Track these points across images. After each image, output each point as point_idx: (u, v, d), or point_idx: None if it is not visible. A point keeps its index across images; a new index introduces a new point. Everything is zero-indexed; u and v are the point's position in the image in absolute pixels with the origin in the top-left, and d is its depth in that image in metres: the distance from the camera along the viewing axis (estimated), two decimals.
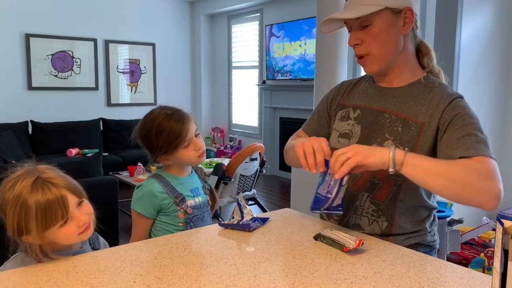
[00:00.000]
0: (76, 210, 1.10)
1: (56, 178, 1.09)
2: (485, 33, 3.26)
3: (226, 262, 1.04)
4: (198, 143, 1.46)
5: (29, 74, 6.05)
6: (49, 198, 1.05)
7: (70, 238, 1.11)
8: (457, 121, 1.12)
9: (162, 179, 1.48)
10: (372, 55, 1.20)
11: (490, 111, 3.36)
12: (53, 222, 1.05)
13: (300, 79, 5.80)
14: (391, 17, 1.16)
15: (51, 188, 1.06)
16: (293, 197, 3.80)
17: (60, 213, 1.06)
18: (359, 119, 1.27)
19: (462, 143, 1.08)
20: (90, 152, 5.56)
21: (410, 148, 1.15)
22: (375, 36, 1.17)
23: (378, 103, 1.26)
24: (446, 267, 1.02)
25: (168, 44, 7.32)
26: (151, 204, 1.44)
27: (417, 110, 1.19)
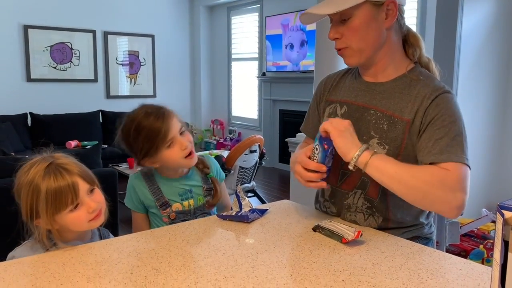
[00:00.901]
0: (87, 197, 1.13)
1: (69, 164, 1.14)
2: (487, 24, 3.23)
3: (224, 253, 1.03)
4: (183, 142, 1.34)
5: (28, 66, 6.02)
6: (60, 184, 1.09)
7: (80, 224, 1.13)
8: (437, 121, 1.09)
9: (150, 176, 1.43)
10: (351, 48, 1.17)
11: (490, 103, 3.34)
12: (63, 206, 1.09)
13: (300, 71, 5.78)
14: (372, 10, 1.12)
15: (63, 173, 1.10)
16: (292, 189, 3.80)
17: (70, 198, 1.10)
18: (346, 116, 1.24)
19: (437, 146, 1.07)
20: (89, 144, 5.55)
21: (396, 146, 1.14)
22: (355, 30, 1.14)
23: (364, 99, 1.22)
24: (445, 259, 1.02)
25: (168, 35, 7.28)
26: (136, 199, 1.43)
27: (403, 106, 1.15)
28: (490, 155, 3.40)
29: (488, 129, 3.34)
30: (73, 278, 0.90)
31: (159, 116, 1.33)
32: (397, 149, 1.15)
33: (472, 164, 1.08)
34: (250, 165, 4.09)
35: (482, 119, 3.27)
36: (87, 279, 0.89)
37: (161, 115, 1.33)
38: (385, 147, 1.15)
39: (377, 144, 1.16)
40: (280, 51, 6.07)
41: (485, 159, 3.35)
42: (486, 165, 3.36)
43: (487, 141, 3.35)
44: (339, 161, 1.19)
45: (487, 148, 3.35)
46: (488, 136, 3.35)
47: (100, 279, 0.89)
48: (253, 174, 4.23)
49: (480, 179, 3.28)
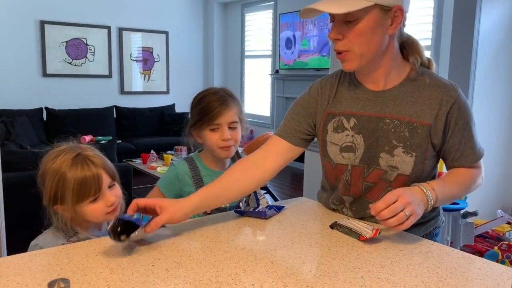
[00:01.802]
0: (107, 190, 1.18)
1: (95, 156, 1.18)
2: (504, 25, 3.19)
3: (243, 248, 1.04)
4: (225, 133, 1.38)
5: (44, 61, 6.10)
6: (86, 174, 1.13)
7: (98, 215, 1.17)
8: (463, 125, 1.17)
9: (193, 164, 1.47)
10: (352, 52, 1.12)
11: (506, 105, 3.30)
12: (86, 196, 1.14)
13: (314, 69, 5.76)
14: (379, 15, 1.08)
15: (89, 165, 1.15)
16: (306, 188, 3.80)
17: (94, 189, 1.14)
18: (357, 129, 1.19)
19: (468, 148, 1.19)
20: (103, 139, 5.61)
21: (422, 152, 1.15)
22: (359, 34, 1.09)
23: (374, 108, 1.18)
24: (464, 258, 1.02)
25: (181, 32, 7.31)
26: (174, 187, 1.45)
27: (418, 110, 1.15)
28: (506, 157, 3.37)
29: (504, 130, 3.31)
30: (96, 269, 0.92)
31: (220, 100, 1.39)
32: (423, 154, 1.16)
33: (487, 166, 1.29)
34: None
35: (497, 120, 3.23)
36: (110, 270, 0.91)
37: (223, 101, 1.39)
38: (412, 154, 1.15)
39: (403, 153, 1.15)
40: (294, 49, 6.06)
41: (501, 160, 3.31)
42: (502, 166, 3.32)
43: (502, 143, 3.31)
44: (361, 173, 1.20)
45: (502, 149, 3.32)
46: (504, 138, 3.32)
47: (123, 271, 0.91)
48: None
49: (495, 181, 3.25)
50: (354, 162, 1.20)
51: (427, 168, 1.18)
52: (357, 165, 1.20)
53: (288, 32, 6.14)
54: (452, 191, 1.17)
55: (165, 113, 6.55)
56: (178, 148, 4.58)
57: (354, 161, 1.20)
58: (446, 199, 1.16)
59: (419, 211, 1.05)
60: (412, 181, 1.16)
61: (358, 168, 1.20)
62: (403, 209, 1.01)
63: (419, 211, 1.05)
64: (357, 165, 1.20)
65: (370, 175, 1.20)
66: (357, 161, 1.20)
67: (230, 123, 1.41)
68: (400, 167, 1.16)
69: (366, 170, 1.20)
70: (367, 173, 1.20)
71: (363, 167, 1.20)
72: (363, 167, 1.20)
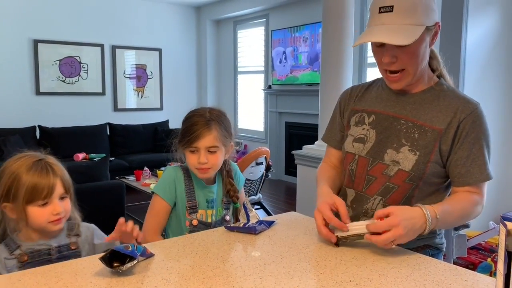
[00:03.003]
0: (57, 200, 1.21)
1: (56, 165, 1.23)
2: (491, 36, 3.26)
3: (232, 264, 1.05)
4: (202, 157, 1.39)
5: (37, 79, 6.11)
6: (42, 178, 1.18)
7: (41, 220, 1.19)
8: (474, 139, 1.19)
9: (187, 173, 1.49)
10: (407, 71, 1.19)
11: (496, 117, 3.35)
12: (36, 198, 1.17)
13: (306, 84, 5.82)
14: (426, 34, 1.16)
15: (48, 171, 1.19)
16: (299, 202, 3.80)
17: (45, 193, 1.17)
18: (374, 124, 1.28)
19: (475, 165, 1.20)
20: (97, 157, 5.60)
21: (426, 153, 1.19)
22: (412, 55, 1.16)
23: (394, 109, 1.27)
24: (450, 270, 1.03)
25: (175, 49, 7.37)
26: (171, 189, 1.45)
27: (433, 116, 1.21)
28: (497, 168, 3.39)
29: (495, 143, 3.34)
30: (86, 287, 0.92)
31: (202, 123, 1.41)
32: (427, 156, 1.20)
33: None
34: (257, 177, 4.10)
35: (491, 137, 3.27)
36: None
37: (205, 124, 1.41)
38: (416, 153, 1.20)
39: (408, 151, 1.21)
40: (286, 64, 6.13)
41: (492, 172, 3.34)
42: (494, 178, 3.35)
43: (493, 155, 3.34)
44: (366, 165, 1.26)
45: (493, 161, 3.34)
46: (495, 150, 3.35)
47: None
48: (259, 187, 4.25)
49: (488, 193, 3.27)
50: (361, 152, 1.28)
51: (429, 171, 1.20)
52: (364, 156, 1.27)
53: (279, 48, 6.21)
54: (454, 218, 1.19)
55: (159, 130, 6.56)
56: (172, 165, 4.58)
57: (361, 151, 1.28)
58: (445, 226, 1.22)
59: (407, 240, 1.08)
60: (411, 180, 1.19)
61: (364, 160, 1.27)
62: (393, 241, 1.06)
63: (407, 240, 1.08)
64: (364, 156, 1.27)
65: (373, 169, 1.25)
66: (364, 152, 1.27)
67: (209, 147, 1.41)
68: (401, 162, 1.21)
69: (371, 163, 1.26)
70: (370, 166, 1.26)
71: (368, 159, 1.26)
72: (368, 160, 1.26)
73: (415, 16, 1.13)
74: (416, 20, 1.13)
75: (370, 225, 1.09)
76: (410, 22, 1.12)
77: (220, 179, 1.54)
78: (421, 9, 1.13)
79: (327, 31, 3.45)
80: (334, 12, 3.38)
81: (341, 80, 3.40)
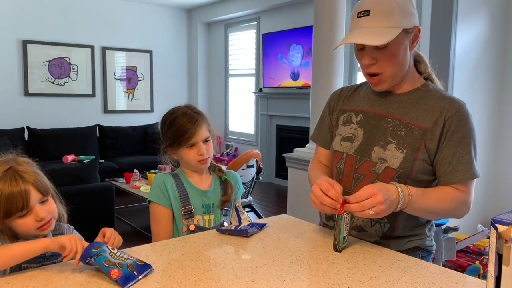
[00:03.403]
0: (38, 206, 1.17)
1: (27, 172, 1.17)
2: (480, 41, 3.30)
3: (224, 267, 1.04)
4: (201, 149, 1.45)
5: (26, 81, 6.05)
6: (13, 190, 1.13)
7: (28, 229, 1.16)
8: (459, 138, 1.20)
9: (178, 179, 1.48)
10: (385, 74, 1.22)
11: (485, 119, 3.40)
12: (13, 211, 1.13)
13: (296, 87, 5.84)
14: (404, 37, 1.19)
15: (18, 180, 1.14)
16: (289, 205, 3.81)
17: (21, 204, 1.13)
18: (361, 123, 1.31)
19: (460, 164, 1.19)
20: (86, 159, 5.55)
21: (413, 151, 1.21)
22: (391, 57, 1.20)
23: (380, 108, 1.29)
24: (441, 272, 1.03)
25: (165, 51, 7.35)
26: (165, 194, 1.44)
27: (419, 115, 1.23)
28: (485, 172, 3.44)
29: (483, 147, 3.39)
30: None
31: (191, 120, 1.46)
32: (414, 153, 1.21)
33: None
34: (247, 180, 4.10)
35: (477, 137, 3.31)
36: None
37: (194, 121, 1.46)
38: (403, 151, 1.21)
39: (395, 148, 1.22)
40: (277, 67, 6.14)
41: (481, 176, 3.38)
42: (482, 181, 3.39)
43: (482, 159, 3.38)
44: (353, 163, 1.27)
45: (482, 165, 3.38)
46: (483, 154, 3.39)
47: None
48: (250, 189, 4.24)
49: (475, 196, 3.30)
50: (349, 151, 1.30)
51: (416, 169, 1.21)
52: (352, 154, 1.29)
53: (271, 52, 6.22)
54: (428, 203, 1.18)
55: (149, 132, 6.53)
56: (162, 167, 4.54)
57: (349, 150, 1.29)
58: (420, 210, 1.19)
59: (387, 212, 1.10)
60: (399, 177, 1.21)
61: (352, 158, 1.29)
62: (372, 207, 1.07)
63: (387, 212, 1.10)
64: (352, 154, 1.29)
65: (361, 167, 1.27)
66: (352, 151, 1.29)
67: (204, 139, 1.47)
68: (389, 160, 1.22)
69: (358, 161, 1.27)
70: (358, 164, 1.27)
71: (356, 157, 1.28)
72: (356, 158, 1.28)
73: (391, 19, 1.16)
74: (392, 23, 1.16)
75: (350, 197, 1.11)
76: (386, 24, 1.16)
77: (216, 183, 1.54)
78: (397, 12, 1.17)
79: (318, 35, 3.46)
80: (325, 16, 3.40)
81: (332, 83, 3.42)
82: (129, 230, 4.22)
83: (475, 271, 2.90)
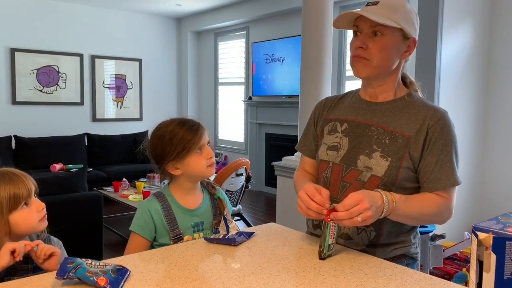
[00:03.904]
0: (35, 197, 1.23)
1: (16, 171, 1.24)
2: (465, 51, 3.36)
3: (212, 276, 1.05)
4: (209, 151, 1.44)
5: (14, 89, 6.01)
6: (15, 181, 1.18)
7: (31, 222, 1.20)
8: (441, 146, 1.22)
9: (164, 201, 1.43)
10: (370, 62, 1.25)
11: (470, 130, 3.45)
12: (19, 200, 1.18)
13: (285, 96, 5.87)
14: (400, 39, 1.24)
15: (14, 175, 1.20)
16: (279, 213, 3.82)
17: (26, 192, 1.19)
18: (346, 132, 1.33)
19: (442, 171, 1.22)
20: (74, 168, 5.51)
21: (397, 159, 1.23)
22: (381, 47, 1.23)
23: (365, 117, 1.32)
24: (426, 280, 1.05)
25: (155, 60, 7.36)
26: (150, 224, 1.40)
27: (402, 123, 1.26)
28: (471, 179, 3.49)
29: (469, 154, 3.44)
30: None
31: (193, 125, 1.43)
32: (398, 161, 1.23)
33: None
34: (237, 188, 4.10)
35: (463, 145, 3.36)
36: None
37: (195, 124, 1.44)
38: (388, 159, 1.24)
39: (379, 157, 1.25)
40: (266, 76, 6.18)
41: (467, 184, 3.43)
42: (468, 188, 3.43)
43: (467, 166, 3.43)
44: (340, 172, 1.29)
45: (468, 173, 3.44)
46: (469, 161, 3.44)
47: None
48: (239, 198, 4.24)
49: (462, 203, 3.35)
50: (335, 160, 1.32)
51: (401, 177, 1.23)
52: (338, 163, 1.31)
53: (260, 60, 6.26)
54: (412, 210, 1.20)
55: (138, 140, 6.50)
56: (151, 176, 4.54)
57: (335, 159, 1.31)
58: (404, 216, 1.20)
59: (374, 218, 1.12)
60: (384, 185, 1.23)
61: (338, 167, 1.30)
62: (359, 214, 1.08)
63: (374, 218, 1.12)
64: (338, 163, 1.31)
65: (347, 175, 1.29)
66: (338, 159, 1.31)
67: (207, 143, 1.46)
68: (374, 168, 1.24)
69: (345, 170, 1.29)
70: (345, 172, 1.29)
71: (342, 166, 1.30)
72: (342, 167, 1.30)
73: (396, 15, 1.22)
74: (395, 18, 1.21)
75: (338, 205, 1.11)
76: (389, 16, 1.21)
77: (207, 201, 1.50)
78: (402, 13, 1.22)
79: (306, 44, 3.50)
80: (313, 25, 3.44)
81: (320, 92, 3.45)
82: (118, 239, 4.19)
83: (462, 278, 2.93)
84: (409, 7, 1.26)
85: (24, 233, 1.22)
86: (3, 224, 1.16)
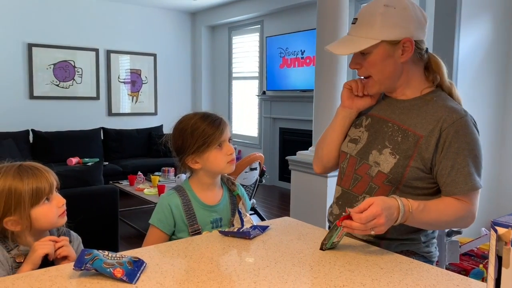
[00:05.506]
0: (56, 193, 1.24)
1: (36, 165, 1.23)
2: (484, 45, 3.30)
3: (227, 269, 1.05)
4: (230, 148, 1.42)
5: (31, 83, 6.09)
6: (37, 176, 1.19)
7: (51, 218, 1.21)
8: (458, 149, 1.19)
9: (185, 196, 1.43)
10: (372, 78, 1.28)
11: (488, 125, 3.39)
12: (41, 196, 1.18)
13: (300, 90, 5.85)
14: (388, 49, 1.22)
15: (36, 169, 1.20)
16: (293, 207, 3.81)
17: (48, 188, 1.20)
18: (368, 127, 1.35)
19: (460, 175, 1.19)
20: (90, 161, 5.58)
21: (405, 157, 1.22)
22: (372, 64, 1.25)
23: (385, 113, 1.33)
24: (442, 275, 1.04)
25: (169, 54, 7.39)
26: (169, 218, 1.40)
27: (417, 122, 1.24)
28: (489, 175, 3.43)
29: (487, 150, 3.38)
30: None
31: (216, 120, 1.42)
32: (406, 160, 1.22)
33: None
34: (250, 182, 4.11)
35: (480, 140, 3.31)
36: None
37: (218, 119, 1.43)
38: (396, 156, 1.23)
39: (389, 154, 1.25)
40: (280, 70, 6.15)
41: (484, 179, 3.37)
42: (485, 185, 3.37)
43: (485, 162, 3.37)
44: (354, 164, 1.31)
45: (485, 168, 3.37)
46: (486, 157, 3.39)
47: None
48: (253, 192, 4.25)
49: (479, 199, 3.30)
50: (352, 152, 1.34)
51: (408, 176, 1.22)
52: (354, 156, 1.33)
53: (274, 54, 6.24)
54: (430, 217, 1.18)
55: (153, 134, 6.56)
56: (166, 169, 4.57)
57: (353, 151, 1.33)
58: (420, 223, 1.19)
59: (385, 229, 1.11)
60: (389, 182, 1.23)
61: (353, 159, 1.33)
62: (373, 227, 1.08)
63: (385, 229, 1.11)
64: (354, 156, 1.33)
65: (359, 168, 1.30)
66: (355, 152, 1.33)
67: (228, 139, 1.44)
68: (381, 164, 1.25)
69: (358, 163, 1.31)
70: (358, 165, 1.31)
71: (357, 159, 1.32)
72: (357, 159, 1.32)
73: (371, 30, 1.21)
74: (370, 34, 1.21)
75: (354, 215, 1.09)
76: (363, 35, 1.22)
77: (227, 197, 1.50)
78: (379, 23, 1.20)
79: (321, 38, 3.47)
80: (328, 18, 3.41)
81: (335, 86, 3.43)
82: (133, 232, 4.24)
83: (478, 274, 2.89)
84: (392, 9, 1.19)
85: (44, 228, 1.23)
86: (24, 219, 1.17)
